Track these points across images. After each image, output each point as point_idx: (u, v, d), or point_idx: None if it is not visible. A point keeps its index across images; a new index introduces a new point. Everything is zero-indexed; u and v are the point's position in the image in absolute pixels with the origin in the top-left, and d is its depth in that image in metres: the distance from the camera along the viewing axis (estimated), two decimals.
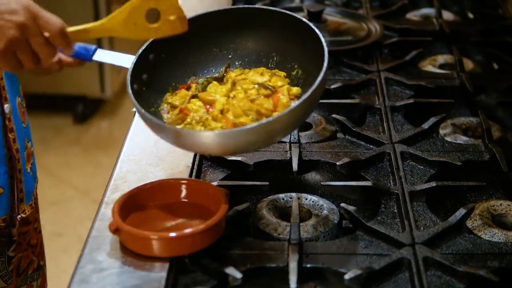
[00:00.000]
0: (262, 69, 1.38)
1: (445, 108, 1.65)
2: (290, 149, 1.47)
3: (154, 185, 1.30)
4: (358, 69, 1.83)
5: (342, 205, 1.30)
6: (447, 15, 2.18)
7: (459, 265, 1.16)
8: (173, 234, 1.18)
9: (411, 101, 1.66)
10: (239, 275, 1.14)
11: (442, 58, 1.92)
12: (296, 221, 1.22)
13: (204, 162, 1.45)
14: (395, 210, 1.33)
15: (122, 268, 1.17)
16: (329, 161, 1.45)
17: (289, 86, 1.34)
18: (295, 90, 1.34)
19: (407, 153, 1.47)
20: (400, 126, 1.59)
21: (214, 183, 1.34)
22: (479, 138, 1.55)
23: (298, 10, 2.07)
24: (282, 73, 1.37)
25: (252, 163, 1.43)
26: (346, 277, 1.14)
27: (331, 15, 2.06)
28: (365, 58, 1.89)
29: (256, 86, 1.33)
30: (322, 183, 1.40)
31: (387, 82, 1.75)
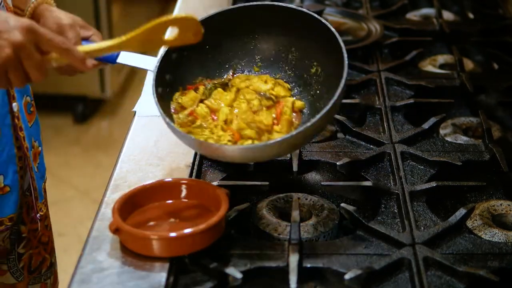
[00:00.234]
0: (266, 76, 1.39)
1: (445, 108, 1.65)
2: None
3: (154, 185, 1.30)
4: (358, 69, 1.83)
5: (342, 205, 1.30)
6: (447, 15, 2.18)
7: (459, 265, 1.16)
8: (173, 234, 1.18)
9: (411, 101, 1.66)
10: (239, 275, 1.14)
11: (442, 58, 1.92)
12: (296, 221, 1.22)
13: (204, 162, 1.45)
14: (395, 210, 1.33)
15: (122, 268, 1.17)
16: (329, 161, 1.45)
17: (293, 99, 1.36)
18: (300, 104, 1.36)
19: (407, 153, 1.47)
20: (400, 126, 1.59)
21: (214, 183, 1.34)
22: (479, 138, 1.55)
23: None
24: (286, 85, 1.39)
25: (252, 163, 1.43)
26: (346, 277, 1.14)
27: (331, 15, 2.06)
28: (365, 58, 1.89)
29: (258, 97, 1.34)
30: (322, 183, 1.40)
31: (387, 82, 1.75)
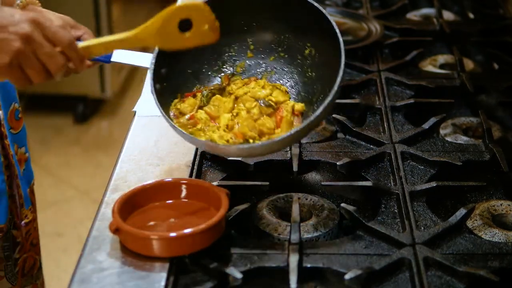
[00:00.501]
0: (263, 81, 1.39)
1: (445, 108, 1.65)
2: (291, 149, 1.47)
3: (154, 185, 1.30)
4: (358, 69, 1.83)
5: (343, 205, 1.30)
6: (448, 15, 2.18)
7: (460, 265, 1.16)
8: (173, 234, 1.18)
9: (412, 101, 1.66)
10: (239, 275, 1.14)
11: (442, 58, 1.92)
12: (296, 221, 1.22)
13: (204, 162, 1.45)
14: (396, 210, 1.33)
15: (122, 268, 1.17)
16: (329, 161, 1.45)
17: (293, 102, 1.37)
18: (300, 107, 1.36)
19: (408, 153, 1.47)
20: (400, 126, 1.59)
21: (215, 183, 1.34)
22: (480, 138, 1.55)
23: None
24: (284, 87, 1.39)
25: (252, 163, 1.42)
26: (347, 277, 1.14)
27: (332, 15, 2.04)
28: (365, 58, 1.89)
29: (258, 104, 1.34)
30: (323, 183, 1.40)
31: (388, 82, 1.75)
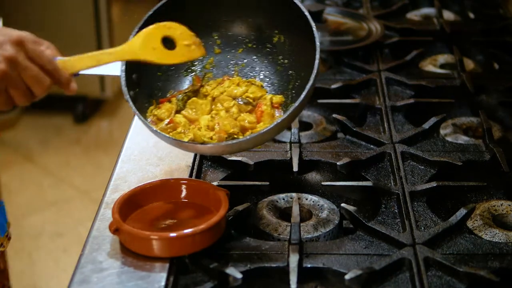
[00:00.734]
0: (238, 79, 1.38)
1: (445, 108, 1.65)
2: (291, 149, 1.47)
3: (154, 185, 1.29)
4: (358, 69, 1.83)
5: (343, 205, 1.30)
6: (448, 15, 2.18)
7: (460, 265, 1.16)
8: (173, 234, 1.18)
9: (412, 101, 1.66)
10: (239, 275, 1.14)
11: (442, 58, 1.92)
12: (296, 221, 1.22)
13: (204, 162, 1.45)
14: (396, 210, 1.33)
15: (122, 268, 1.17)
16: (329, 161, 1.45)
17: (271, 95, 1.36)
18: (279, 99, 1.35)
19: (408, 153, 1.47)
20: (400, 126, 1.58)
21: (215, 183, 1.34)
22: (480, 138, 1.55)
23: None
24: (259, 82, 1.38)
25: (252, 163, 1.42)
26: (347, 277, 1.14)
27: (332, 15, 2.06)
28: (365, 58, 1.89)
29: (237, 102, 1.33)
30: (323, 183, 1.40)
31: (388, 82, 1.75)
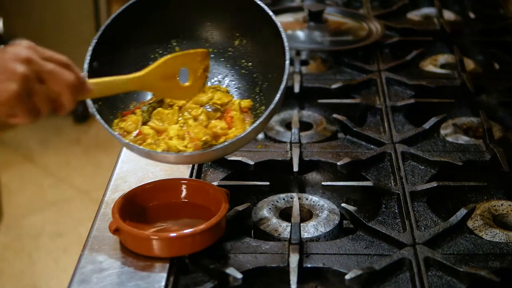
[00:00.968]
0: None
1: (446, 108, 1.65)
2: (291, 149, 1.47)
3: (154, 185, 1.29)
4: (359, 69, 1.83)
5: (343, 205, 1.30)
6: (448, 15, 2.18)
7: (460, 265, 1.16)
8: (173, 234, 1.18)
9: (412, 101, 1.66)
10: (240, 276, 1.14)
11: (443, 58, 1.92)
12: (296, 221, 1.22)
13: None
14: (396, 210, 1.33)
15: (122, 268, 1.17)
16: (329, 161, 1.45)
17: (238, 100, 1.34)
18: (247, 103, 1.34)
19: (408, 153, 1.47)
20: (401, 126, 1.58)
21: (215, 183, 1.34)
22: (480, 138, 1.55)
23: (298, 9, 2.07)
24: (224, 88, 1.36)
25: (252, 163, 1.42)
26: (347, 277, 1.14)
27: (332, 15, 2.06)
28: (366, 58, 1.89)
29: (205, 110, 1.31)
30: (323, 183, 1.40)
31: (388, 82, 1.75)
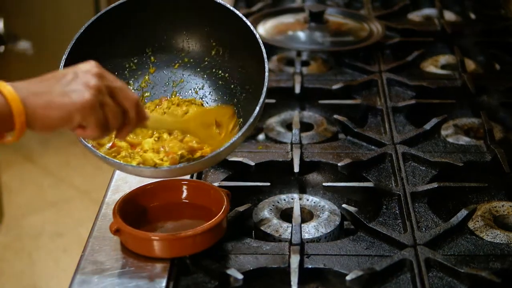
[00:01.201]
0: (177, 98, 1.36)
1: (447, 109, 1.65)
2: (292, 150, 1.47)
3: (155, 185, 1.29)
4: (359, 69, 1.83)
5: (344, 206, 1.30)
6: (449, 16, 2.18)
7: (461, 266, 1.16)
8: (174, 235, 1.18)
9: (413, 102, 1.66)
10: (240, 276, 1.14)
11: (444, 59, 1.92)
12: (297, 222, 1.22)
13: None
14: (397, 211, 1.33)
15: (123, 268, 1.17)
16: (330, 162, 1.45)
17: None
18: None
19: (409, 154, 1.46)
20: (401, 127, 1.58)
21: (216, 184, 1.34)
22: (481, 139, 1.55)
23: (299, 10, 2.07)
24: (199, 101, 1.36)
25: (253, 164, 1.42)
26: (348, 278, 1.14)
27: (333, 16, 2.06)
28: (366, 59, 1.89)
29: None
30: (324, 184, 1.40)
31: (389, 82, 1.75)
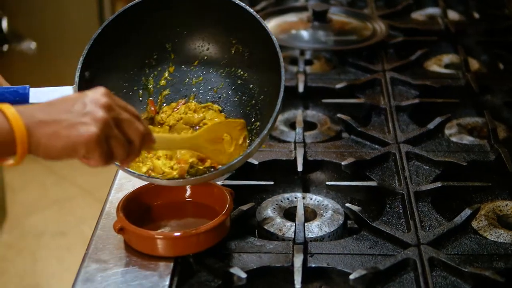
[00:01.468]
0: (194, 104, 1.34)
1: (450, 108, 1.65)
2: (295, 148, 1.47)
3: (158, 184, 1.29)
4: (363, 68, 1.82)
5: (347, 205, 1.30)
6: (453, 15, 2.18)
7: (465, 265, 1.16)
8: (177, 234, 1.18)
9: (417, 101, 1.66)
10: (244, 275, 1.14)
11: (447, 58, 1.92)
12: (301, 221, 1.22)
13: None
14: (400, 210, 1.33)
15: (127, 267, 1.17)
16: (334, 161, 1.45)
17: (229, 120, 1.31)
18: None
19: (413, 153, 1.46)
20: (405, 126, 1.58)
21: (219, 183, 1.34)
22: (485, 139, 1.55)
23: (303, 9, 2.07)
24: (216, 106, 1.34)
25: (257, 163, 1.42)
26: (351, 277, 1.14)
27: (336, 15, 2.06)
28: (370, 58, 1.88)
29: (194, 131, 1.30)
30: (327, 183, 1.40)
31: (393, 82, 1.75)
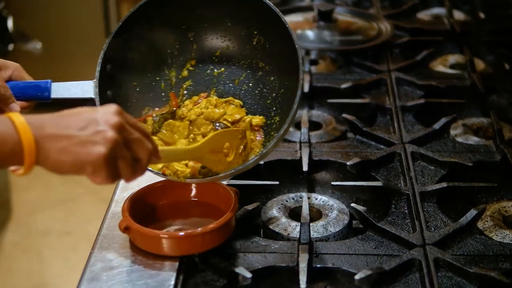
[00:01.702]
0: (215, 99, 1.33)
1: (456, 108, 1.64)
2: (300, 148, 1.47)
3: (164, 183, 1.29)
4: (368, 68, 1.82)
5: (352, 205, 1.30)
6: (458, 15, 2.18)
7: (470, 266, 1.16)
8: (183, 233, 1.18)
9: (422, 101, 1.66)
10: (249, 275, 1.14)
11: (453, 58, 1.92)
12: (306, 221, 1.22)
13: None
14: (406, 211, 1.33)
15: (132, 266, 1.17)
16: (339, 161, 1.45)
17: (250, 117, 1.31)
18: (259, 120, 1.30)
19: (418, 153, 1.46)
20: (410, 126, 1.58)
21: (224, 182, 1.34)
22: (490, 139, 1.54)
23: (308, 9, 2.07)
24: (237, 101, 1.33)
25: (262, 163, 1.42)
26: (357, 277, 1.14)
27: (342, 15, 2.06)
28: (375, 58, 1.88)
29: (214, 128, 1.29)
30: (332, 183, 1.40)
31: (398, 82, 1.75)
